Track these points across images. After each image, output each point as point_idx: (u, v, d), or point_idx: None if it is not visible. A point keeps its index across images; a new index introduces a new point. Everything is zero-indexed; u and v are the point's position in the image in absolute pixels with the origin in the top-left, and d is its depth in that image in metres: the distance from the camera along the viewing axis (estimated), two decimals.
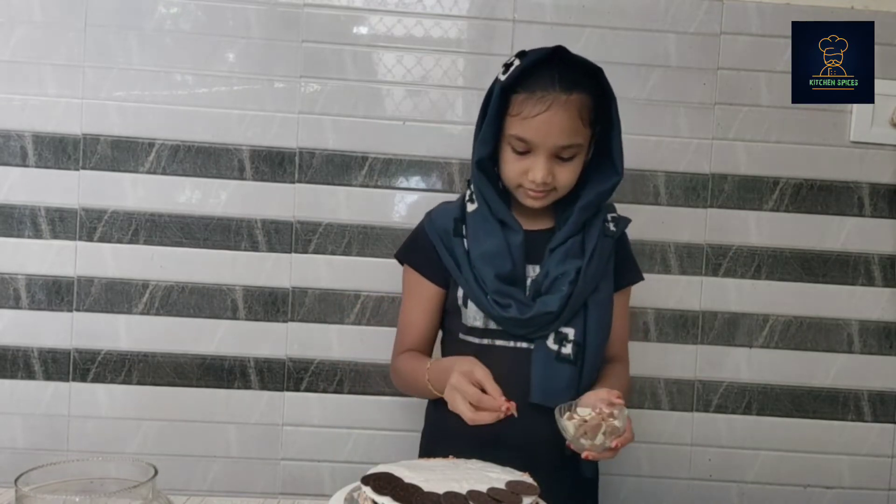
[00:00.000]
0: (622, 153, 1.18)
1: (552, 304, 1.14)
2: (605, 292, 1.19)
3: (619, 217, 1.24)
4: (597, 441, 0.99)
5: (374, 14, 1.53)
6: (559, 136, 1.11)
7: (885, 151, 1.56)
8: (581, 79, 1.13)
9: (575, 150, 1.14)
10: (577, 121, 1.11)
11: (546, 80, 1.11)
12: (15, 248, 1.51)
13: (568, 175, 1.15)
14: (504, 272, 1.16)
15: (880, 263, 1.57)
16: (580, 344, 1.15)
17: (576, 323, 1.16)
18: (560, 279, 1.15)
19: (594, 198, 1.18)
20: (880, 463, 1.59)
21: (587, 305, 1.17)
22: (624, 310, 1.27)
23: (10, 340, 1.52)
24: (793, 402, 1.57)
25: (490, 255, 1.17)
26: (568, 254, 1.16)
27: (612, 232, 1.20)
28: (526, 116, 1.11)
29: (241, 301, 1.53)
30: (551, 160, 1.13)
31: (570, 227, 1.17)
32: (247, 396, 1.54)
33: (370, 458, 1.51)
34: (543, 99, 1.10)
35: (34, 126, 1.50)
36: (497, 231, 1.18)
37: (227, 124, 1.52)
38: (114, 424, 1.53)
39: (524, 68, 1.13)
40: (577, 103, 1.11)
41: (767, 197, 1.56)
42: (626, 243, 1.27)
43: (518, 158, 1.15)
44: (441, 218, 1.23)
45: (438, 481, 0.87)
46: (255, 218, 1.53)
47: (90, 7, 1.50)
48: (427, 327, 1.26)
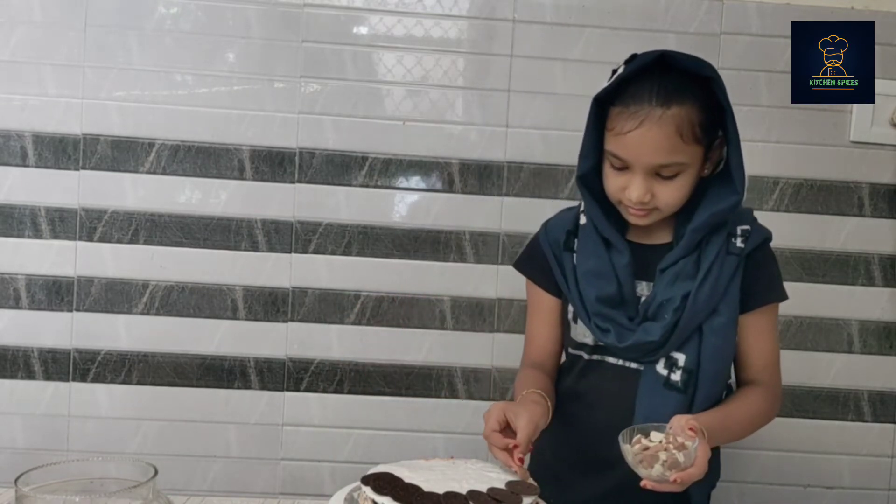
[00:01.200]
0: (743, 169, 1.07)
1: (654, 333, 1.06)
2: (725, 316, 1.07)
3: (751, 230, 1.10)
4: (653, 471, 0.91)
5: (374, 14, 1.52)
6: (654, 155, 1.02)
7: (885, 151, 1.56)
8: (685, 89, 1.02)
9: (677, 169, 1.03)
10: (674, 138, 1.01)
11: (643, 92, 1.02)
12: (15, 248, 1.51)
13: (670, 194, 1.05)
14: (607, 294, 1.09)
15: (880, 263, 1.56)
16: (691, 371, 1.06)
17: (688, 349, 1.07)
18: (665, 305, 1.06)
19: (707, 218, 1.06)
20: (880, 463, 1.59)
21: (702, 331, 1.07)
22: (764, 332, 1.13)
23: (10, 340, 1.52)
24: (793, 402, 1.57)
25: (593, 274, 1.10)
26: (678, 276, 1.07)
27: (738, 249, 1.08)
28: (619, 133, 1.03)
29: (241, 301, 1.53)
30: (650, 178, 1.04)
31: (682, 248, 1.08)
32: (247, 396, 1.54)
33: (370, 458, 1.51)
34: (637, 114, 1.01)
35: (34, 126, 1.50)
36: (602, 250, 1.11)
37: (227, 124, 1.52)
38: (114, 424, 1.53)
39: (623, 78, 1.04)
40: (677, 118, 1.00)
41: (767, 197, 1.56)
42: (764, 258, 1.12)
43: (617, 175, 1.06)
44: (555, 229, 1.18)
45: (438, 481, 0.87)
46: (255, 218, 1.53)
47: (90, 7, 1.50)
48: (548, 339, 1.20)
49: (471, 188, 1.54)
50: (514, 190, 1.54)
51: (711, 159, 1.09)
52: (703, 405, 1.07)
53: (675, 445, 0.91)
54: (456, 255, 1.54)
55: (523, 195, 1.54)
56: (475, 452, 1.51)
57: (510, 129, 1.54)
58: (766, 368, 1.14)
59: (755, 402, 1.11)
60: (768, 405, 1.12)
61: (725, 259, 1.07)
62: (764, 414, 1.12)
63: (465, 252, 1.54)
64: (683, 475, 0.90)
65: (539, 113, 1.52)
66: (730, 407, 1.09)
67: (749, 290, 1.10)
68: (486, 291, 1.54)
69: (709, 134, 1.05)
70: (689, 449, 0.91)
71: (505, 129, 1.53)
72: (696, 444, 0.92)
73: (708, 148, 1.06)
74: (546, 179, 1.54)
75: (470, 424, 1.55)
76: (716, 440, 1.02)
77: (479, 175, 1.54)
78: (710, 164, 1.09)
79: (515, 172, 1.54)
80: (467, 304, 1.54)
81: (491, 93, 1.53)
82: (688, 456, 0.91)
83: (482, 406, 1.55)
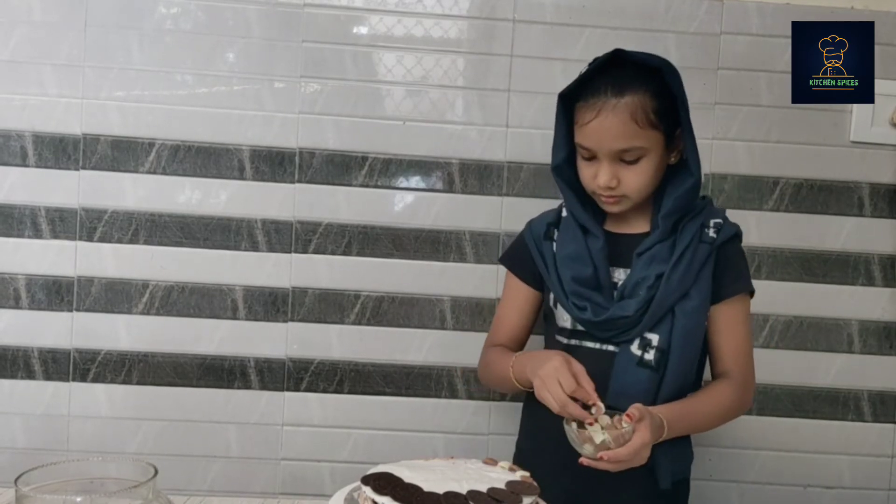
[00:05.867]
0: (696, 153, 1.16)
1: (628, 309, 1.14)
2: (696, 300, 1.16)
3: (724, 224, 1.20)
4: (584, 449, 1.01)
5: (374, 14, 1.53)
6: (613, 141, 1.12)
7: (885, 151, 1.56)
8: (638, 79, 1.12)
9: (638, 153, 1.13)
10: (630, 124, 1.11)
11: (600, 85, 1.12)
12: (15, 248, 1.51)
13: (635, 178, 1.15)
14: (582, 276, 1.18)
15: (880, 263, 1.56)
16: (664, 350, 1.14)
17: (661, 329, 1.15)
18: (640, 283, 1.15)
19: (672, 203, 1.16)
20: (880, 463, 1.58)
21: (674, 313, 1.15)
22: (734, 323, 1.20)
23: (10, 340, 1.52)
24: (793, 402, 1.57)
25: (570, 258, 1.20)
26: (654, 259, 1.16)
27: (710, 238, 1.17)
28: (582, 124, 1.14)
29: (241, 301, 1.53)
30: (615, 164, 1.14)
31: (658, 234, 1.17)
32: (247, 396, 1.54)
33: (370, 458, 1.51)
34: (595, 105, 1.12)
35: (34, 126, 1.50)
36: (579, 236, 1.21)
37: (227, 124, 1.52)
38: (114, 424, 1.53)
39: (584, 76, 1.16)
40: (631, 105, 1.11)
41: (767, 197, 1.56)
42: (733, 252, 1.21)
43: (587, 165, 1.17)
44: (538, 225, 1.29)
45: (438, 481, 0.87)
46: (255, 218, 1.53)
47: (90, 7, 1.50)
48: (517, 324, 1.30)
49: (471, 188, 1.54)
50: (514, 190, 1.54)
51: (677, 148, 1.18)
52: (672, 385, 1.15)
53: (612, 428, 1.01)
54: (456, 255, 1.54)
55: (523, 195, 1.54)
56: (475, 452, 1.51)
57: (510, 129, 1.54)
58: (736, 359, 1.20)
59: (722, 394, 1.17)
60: (737, 396, 1.18)
61: (699, 246, 1.16)
62: (732, 405, 1.19)
63: (465, 252, 1.54)
64: (610, 454, 0.99)
65: (539, 113, 1.52)
66: (694, 399, 1.17)
67: (719, 282, 1.18)
68: (486, 291, 1.54)
69: (666, 121, 1.13)
70: (621, 432, 1.00)
71: (505, 129, 1.53)
72: (629, 429, 1.01)
73: (669, 135, 1.15)
74: (546, 179, 1.53)
75: (470, 424, 1.55)
76: (677, 430, 1.10)
77: (479, 175, 1.54)
78: (676, 153, 1.18)
79: (515, 172, 1.54)
80: (467, 304, 1.54)
81: (491, 93, 1.53)
82: (618, 438, 1.00)
83: (482, 406, 1.55)
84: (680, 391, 1.16)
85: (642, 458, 1.02)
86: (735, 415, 1.21)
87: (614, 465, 1.01)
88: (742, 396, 1.19)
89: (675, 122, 1.15)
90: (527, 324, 1.31)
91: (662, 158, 1.16)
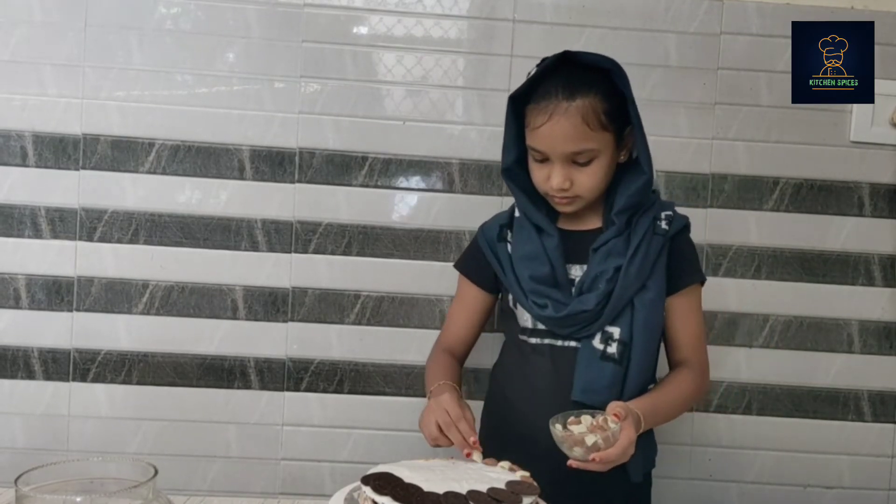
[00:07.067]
0: (647, 151, 1.17)
1: (588, 303, 1.14)
2: (653, 292, 1.17)
3: (674, 216, 1.21)
4: (574, 451, 1.00)
5: (374, 14, 1.53)
6: (565, 144, 1.12)
7: (885, 151, 1.56)
8: (588, 81, 1.12)
9: (590, 155, 1.14)
10: (582, 126, 1.11)
11: (550, 88, 1.12)
12: (15, 248, 1.51)
13: (588, 179, 1.15)
14: (540, 274, 1.18)
15: (880, 263, 1.57)
16: (626, 343, 1.15)
17: (622, 322, 1.16)
18: (599, 277, 1.16)
19: (626, 201, 1.17)
20: (880, 463, 1.59)
21: (634, 305, 1.16)
22: (689, 312, 1.23)
23: (10, 340, 1.52)
24: (793, 402, 1.57)
25: (527, 257, 1.20)
26: (610, 253, 1.17)
27: (662, 230, 1.19)
28: (534, 127, 1.14)
29: (241, 301, 1.53)
30: (568, 166, 1.14)
31: (612, 230, 1.18)
32: (247, 396, 1.54)
33: (370, 458, 1.51)
34: (546, 109, 1.11)
35: (34, 126, 1.50)
36: (534, 236, 1.21)
37: (227, 124, 1.52)
38: (114, 424, 1.53)
39: (534, 79, 1.15)
40: (582, 108, 1.11)
41: (767, 197, 1.56)
42: (684, 243, 1.23)
43: (540, 167, 1.17)
44: (490, 228, 1.29)
45: (438, 481, 0.87)
46: (255, 218, 1.53)
47: (90, 7, 1.50)
48: (464, 325, 1.32)
49: (471, 188, 1.54)
50: None
51: (626, 146, 1.18)
52: (636, 377, 1.16)
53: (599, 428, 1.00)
54: (456, 255, 1.54)
55: None
56: None
57: None
58: (693, 347, 1.23)
59: (684, 383, 1.19)
60: (696, 384, 1.21)
61: (653, 238, 1.18)
62: (695, 393, 1.22)
63: None
64: (602, 455, 0.99)
65: None
66: (662, 391, 1.17)
67: (674, 274, 1.20)
68: None
69: (616, 121, 1.14)
70: (609, 432, 1.00)
71: None
72: (616, 428, 1.00)
73: (619, 135, 1.16)
74: None
75: None
76: (651, 423, 1.11)
77: (479, 175, 1.54)
78: (625, 152, 1.19)
79: None
80: None
81: (491, 93, 1.53)
82: (607, 439, 1.00)
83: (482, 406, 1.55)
84: (644, 383, 1.17)
85: (628, 455, 1.03)
86: (696, 401, 1.25)
87: (604, 465, 1.01)
88: (702, 384, 1.23)
89: (624, 121, 1.16)
90: (475, 326, 1.33)
91: (613, 158, 1.17)
